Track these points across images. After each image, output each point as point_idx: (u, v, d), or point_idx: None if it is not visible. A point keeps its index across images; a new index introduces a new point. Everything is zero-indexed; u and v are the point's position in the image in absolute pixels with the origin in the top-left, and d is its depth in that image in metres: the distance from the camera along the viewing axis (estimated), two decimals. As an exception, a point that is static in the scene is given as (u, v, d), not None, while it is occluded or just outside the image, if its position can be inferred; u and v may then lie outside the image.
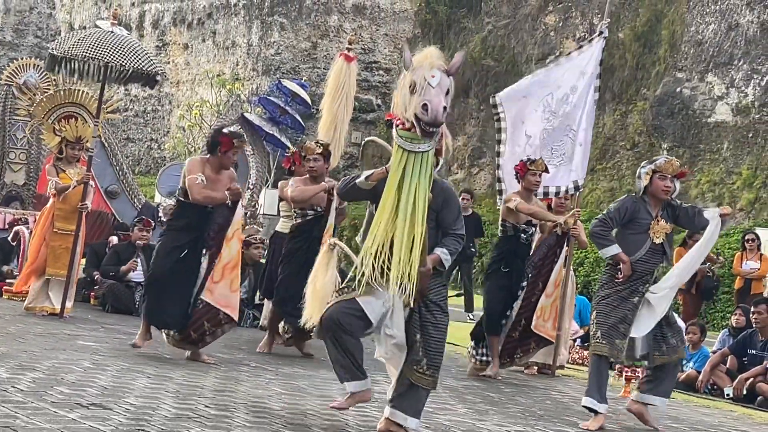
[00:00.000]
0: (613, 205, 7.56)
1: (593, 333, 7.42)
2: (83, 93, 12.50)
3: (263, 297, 10.67)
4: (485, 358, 9.41)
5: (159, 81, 10.74)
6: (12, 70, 14.31)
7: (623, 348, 7.29)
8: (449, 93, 5.65)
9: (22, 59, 15.01)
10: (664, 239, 7.35)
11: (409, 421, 5.85)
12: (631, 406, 7.58)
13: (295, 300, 7.45)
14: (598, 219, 7.51)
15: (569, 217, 9.49)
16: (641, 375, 7.97)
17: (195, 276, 8.27)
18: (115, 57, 10.05)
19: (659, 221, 7.34)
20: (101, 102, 10.73)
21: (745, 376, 9.94)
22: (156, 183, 18.08)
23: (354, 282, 5.80)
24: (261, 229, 14.61)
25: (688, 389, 10.16)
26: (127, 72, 10.14)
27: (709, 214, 7.37)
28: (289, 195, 9.18)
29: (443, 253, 5.86)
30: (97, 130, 10.76)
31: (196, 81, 32.42)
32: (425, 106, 5.50)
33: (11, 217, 13.35)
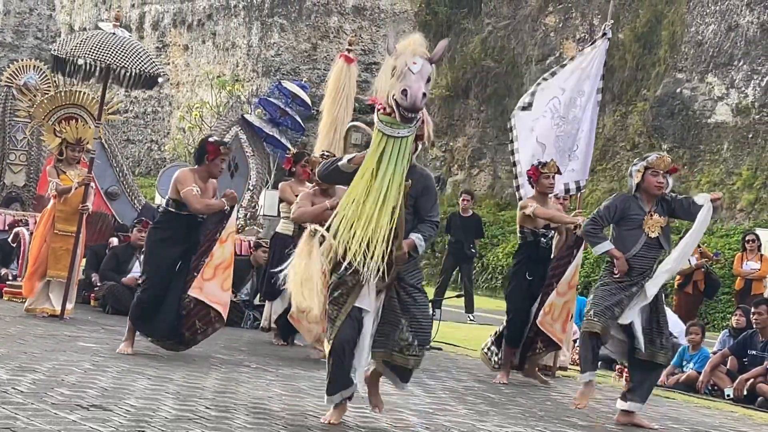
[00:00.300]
0: (603, 204, 7.74)
1: (587, 311, 7.52)
2: (83, 94, 12.50)
3: (264, 299, 10.67)
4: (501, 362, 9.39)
5: (160, 82, 10.76)
6: (12, 71, 14.31)
7: (611, 325, 7.40)
8: (430, 80, 5.73)
9: (22, 61, 15.01)
10: (659, 233, 7.45)
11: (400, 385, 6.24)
12: (619, 419, 7.57)
13: None
14: (589, 218, 7.71)
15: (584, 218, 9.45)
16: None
17: (183, 283, 8.31)
18: (118, 59, 10.06)
19: (653, 216, 7.45)
20: (103, 104, 10.73)
21: (746, 376, 9.94)
22: (156, 184, 18.04)
23: (345, 282, 5.90)
24: (261, 231, 14.61)
25: (688, 390, 10.16)
26: (130, 74, 10.16)
27: (701, 199, 7.50)
28: (292, 215, 9.21)
29: (418, 239, 6.00)
30: (98, 132, 10.77)
31: (196, 82, 32.43)
32: (405, 91, 5.59)
33: (11, 219, 13.35)
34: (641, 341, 7.42)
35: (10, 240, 12.68)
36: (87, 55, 10.03)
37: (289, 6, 30.00)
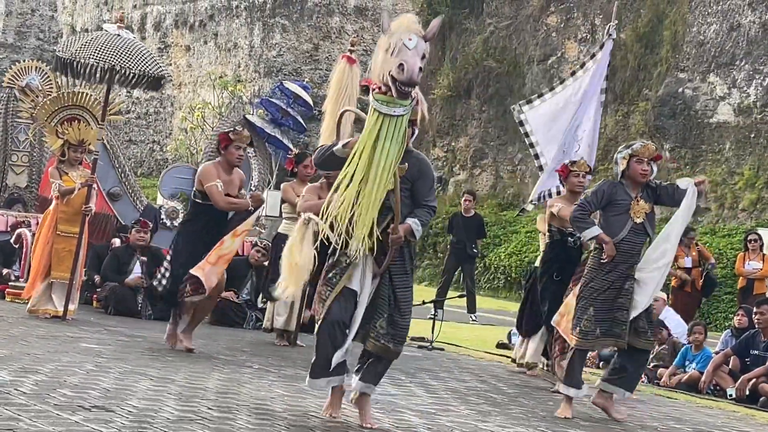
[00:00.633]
0: (591, 190, 7.87)
1: (589, 329, 7.48)
2: (86, 95, 12.50)
3: (266, 300, 10.67)
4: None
5: (164, 84, 10.80)
6: (14, 72, 14.32)
7: (624, 333, 7.45)
8: (425, 57, 5.75)
9: (24, 62, 15.02)
10: (644, 219, 7.53)
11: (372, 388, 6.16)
12: (597, 399, 7.67)
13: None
14: (577, 204, 7.82)
15: None
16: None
17: None
18: (122, 60, 10.07)
19: (639, 201, 7.53)
20: (106, 105, 10.74)
21: (748, 376, 9.94)
22: (158, 185, 18.06)
23: (339, 262, 5.93)
24: (263, 231, 14.62)
25: (690, 390, 10.16)
26: (133, 75, 10.18)
27: (684, 183, 7.59)
28: (298, 207, 9.23)
29: (415, 223, 6.00)
30: (102, 133, 10.78)
31: (198, 83, 32.45)
32: (401, 66, 5.62)
33: (13, 220, 13.36)
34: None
35: (12, 241, 12.69)
36: (92, 56, 10.04)
37: (291, 6, 30.01)
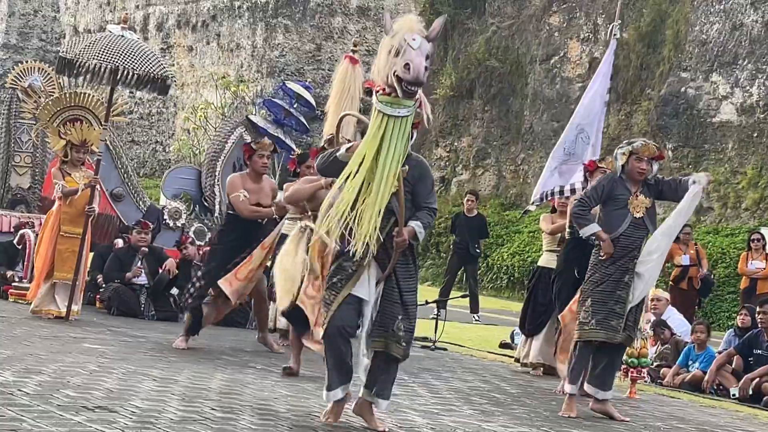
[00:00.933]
0: (590, 185, 7.93)
1: (586, 319, 7.50)
2: (89, 96, 12.51)
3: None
4: None
5: (170, 86, 10.84)
6: (17, 73, 14.33)
7: (620, 327, 7.47)
8: (429, 57, 5.75)
9: (26, 62, 15.03)
10: (644, 213, 7.58)
11: (381, 403, 6.09)
12: (594, 406, 7.66)
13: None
14: (577, 200, 7.87)
15: None
16: (642, 374, 8.02)
17: None
18: (125, 61, 10.08)
19: (638, 196, 7.58)
20: (110, 106, 10.75)
21: (751, 376, 9.93)
22: (161, 185, 18.06)
23: (343, 267, 5.91)
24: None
25: (693, 389, 10.16)
26: (137, 76, 10.19)
27: (691, 179, 7.59)
28: (284, 196, 8.81)
29: (417, 226, 6.00)
30: (105, 134, 10.79)
31: (200, 83, 32.46)
32: (407, 65, 5.62)
33: (17, 221, 13.37)
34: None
35: (15, 242, 12.70)
36: (96, 57, 10.05)
37: (294, 7, 30.01)
